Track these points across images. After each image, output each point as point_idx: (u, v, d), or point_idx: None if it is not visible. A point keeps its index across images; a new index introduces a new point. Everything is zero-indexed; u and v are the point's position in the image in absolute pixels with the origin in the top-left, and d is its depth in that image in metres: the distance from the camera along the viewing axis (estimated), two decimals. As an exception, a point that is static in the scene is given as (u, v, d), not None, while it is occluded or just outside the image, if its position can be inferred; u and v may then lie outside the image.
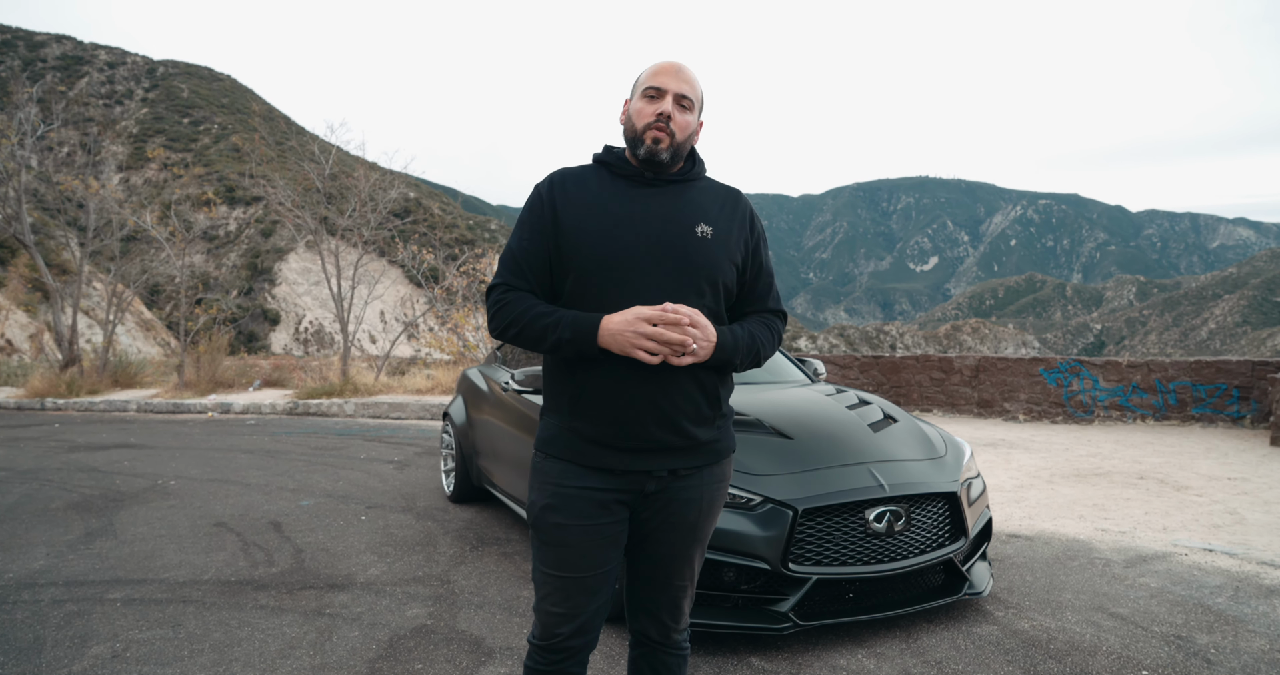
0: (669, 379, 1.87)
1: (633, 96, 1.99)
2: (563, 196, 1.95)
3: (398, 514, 5.62)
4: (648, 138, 1.91)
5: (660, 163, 1.93)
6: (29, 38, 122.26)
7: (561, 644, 1.95)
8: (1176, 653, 3.22)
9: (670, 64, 1.96)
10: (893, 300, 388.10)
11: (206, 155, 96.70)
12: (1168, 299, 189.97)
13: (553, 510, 1.92)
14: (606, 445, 1.89)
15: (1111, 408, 10.14)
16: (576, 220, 1.91)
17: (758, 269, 2.05)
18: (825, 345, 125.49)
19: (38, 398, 14.61)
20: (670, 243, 1.90)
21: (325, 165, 15.09)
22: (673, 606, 2.05)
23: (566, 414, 1.93)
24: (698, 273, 1.91)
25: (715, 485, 2.02)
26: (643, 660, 2.10)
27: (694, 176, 2.02)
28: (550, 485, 1.93)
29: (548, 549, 1.93)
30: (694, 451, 1.95)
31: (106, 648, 3.34)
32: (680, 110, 1.93)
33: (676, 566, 2.01)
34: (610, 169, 1.99)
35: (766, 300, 2.08)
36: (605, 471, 1.90)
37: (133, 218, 16.93)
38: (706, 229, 1.94)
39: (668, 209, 1.94)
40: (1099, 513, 5.55)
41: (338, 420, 11.69)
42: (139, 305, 45.00)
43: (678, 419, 1.90)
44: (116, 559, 4.62)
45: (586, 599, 1.93)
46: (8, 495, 6.42)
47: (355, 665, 3.15)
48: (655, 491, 1.94)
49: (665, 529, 1.97)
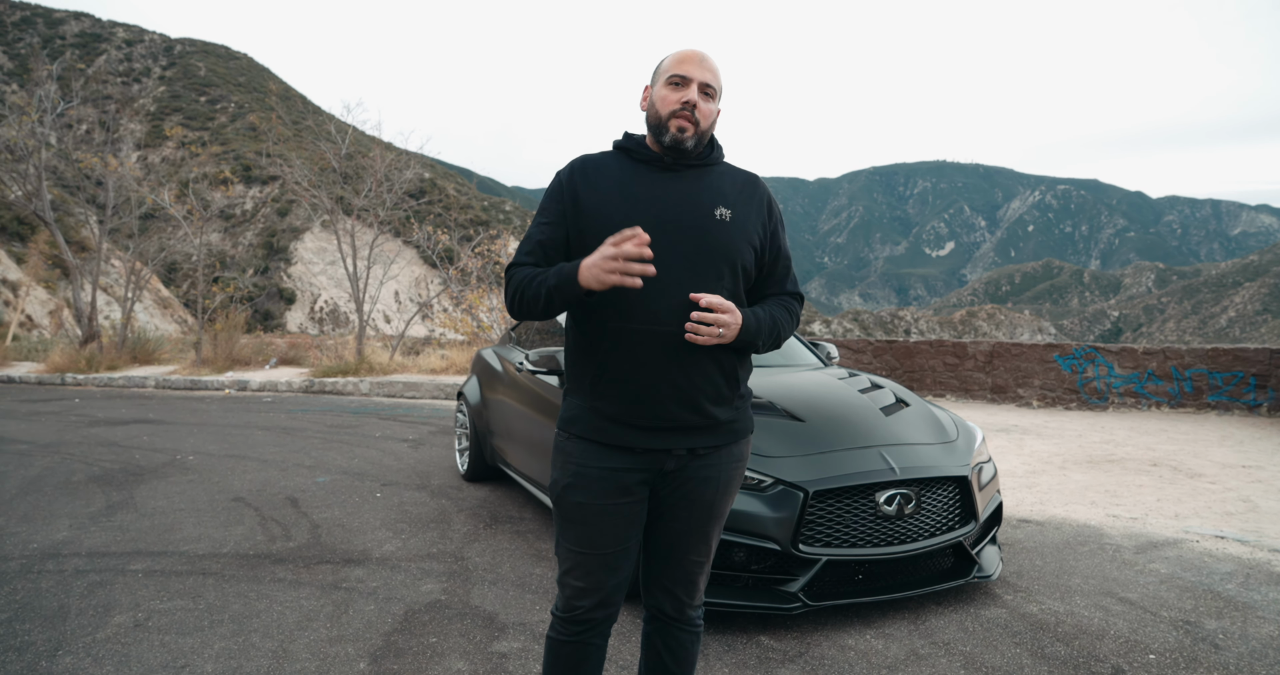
0: (689, 359, 1.90)
1: (655, 83, 2.01)
2: (584, 182, 1.98)
3: (412, 491, 5.69)
4: (673, 125, 1.93)
5: (685, 150, 1.95)
6: (48, 15, 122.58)
7: (583, 616, 2.00)
8: (1184, 637, 3.23)
9: (694, 52, 1.97)
10: (908, 285, 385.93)
11: (223, 134, 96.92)
12: (1187, 286, 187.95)
13: (574, 489, 1.96)
14: (627, 424, 1.93)
15: (1126, 395, 10.09)
16: (597, 205, 1.95)
17: (776, 252, 2.08)
18: (840, 330, 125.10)
19: (58, 373, 14.80)
20: (690, 225, 1.93)
21: (341, 145, 15.13)
22: (688, 582, 2.08)
23: (588, 394, 1.97)
24: (717, 255, 1.94)
25: (733, 465, 2.05)
26: (656, 635, 2.14)
27: (713, 161, 2.05)
28: (572, 464, 1.97)
29: (569, 526, 1.98)
30: (713, 431, 1.99)
31: (129, 617, 3.41)
32: (704, 98, 1.96)
33: (693, 542, 2.05)
34: (630, 155, 2.02)
35: (785, 283, 2.11)
36: (626, 450, 1.94)
37: (150, 196, 17.05)
38: (725, 212, 1.97)
39: (687, 193, 1.97)
40: (1111, 499, 5.55)
41: (353, 399, 11.79)
42: (156, 283, 45.37)
43: (697, 398, 1.93)
44: (137, 531, 4.70)
45: (607, 575, 1.98)
46: (30, 468, 6.54)
47: (371, 638, 3.21)
48: (674, 470, 1.98)
49: (683, 506, 2.01)
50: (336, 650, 3.09)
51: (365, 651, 3.08)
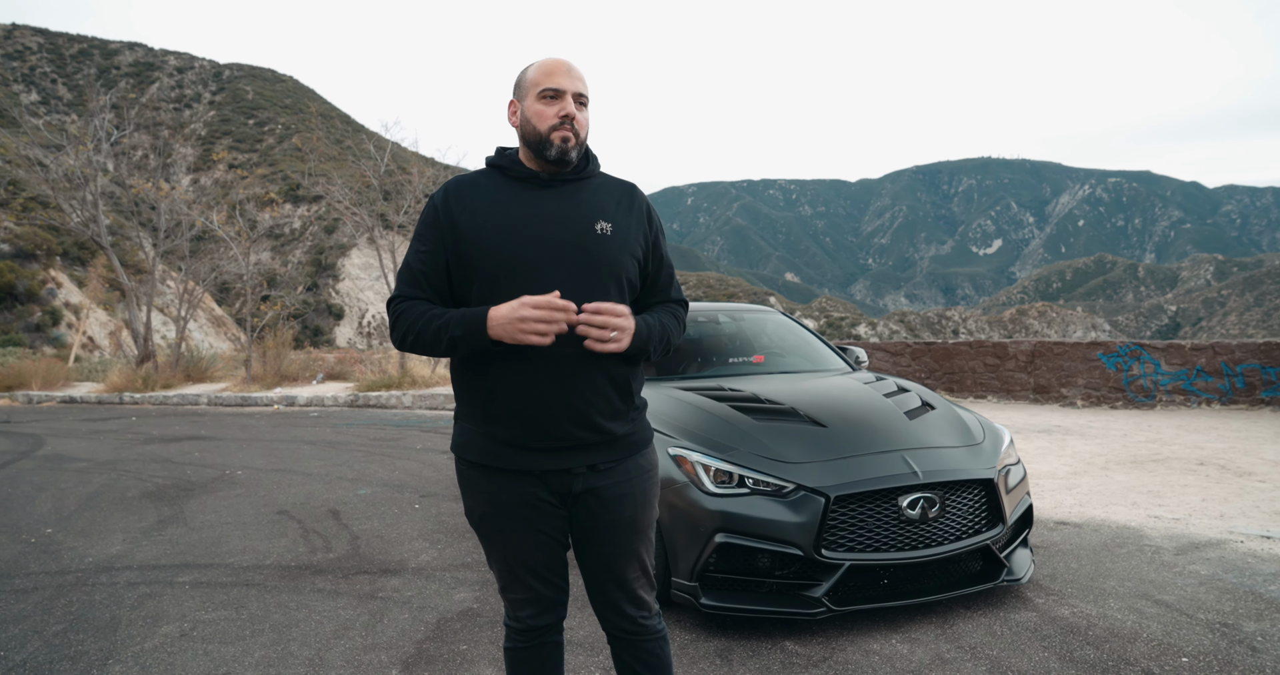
0: (580, 375, 1.88)
1: (524, 98, 1.96)
2: (459, 205, 1.94)
3: (450, 502, 5.80)
4: (555, 139, 1.91)
5: (570, 161, 1.94)
6: (103, 46, 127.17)
7: (530, 624, 2.03)
8: (1220, 640, 3.17)
9: (560, 62, 1.95)
10: (955, 285, 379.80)
11: (271, 155, 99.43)
12: (1249, 278, 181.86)
13: (490, 518, 1.96)
14: (523, 447, 1.91)
15: (1174, 392, 9.84)
16: (475, 227, 1.91)
17: (659, 262, 2.07)
18: (885, 332, 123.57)
19: (116, 392, 15.33)
20: (571, 242, 1.91)
21: (381, 162, 15.45)
22: (632, 599, 2.05)
23: (481, 419, 1.94)
24: (601, 270, 1.92)
25: (643, 476, 2.02)
26: (624, 652, 2.10)
27: (589, 173, 2.02)
28: (481, 493, 1.96)
29: (493, 548, 1.99)
30: (610, 446, 1.96)
31: (176, 627, 3.56)
32: (579, 108, 1.94)
33: (625, 561, 2.01)
34: (504, 172, 2.00)
35: (669, 291, 2.11)
36: (527, 474, 1.92)
37: (200, 218, 17.58)
38: (606, 226, 1.95)
39: (566, 208, 1.95)
40: (1153, 500, 5.44)
41: (396, 412, 12.02)
42: (210, 302, 46.66)
43: (591, 415, 1.91)
44: (186, 545, 4.88)
45: (542, 585, 2.00)
46: (89, 484, 6.81)
47: (404, 646, 3.30)
48: (583, 491, 1.95)
49: (605, 529, 1.98)
50: (370, 657, 3.19)
51: (398, 659, 3.17)
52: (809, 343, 5.36)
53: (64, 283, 43.60)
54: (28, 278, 41.77)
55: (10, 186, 38.57)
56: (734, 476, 3.37)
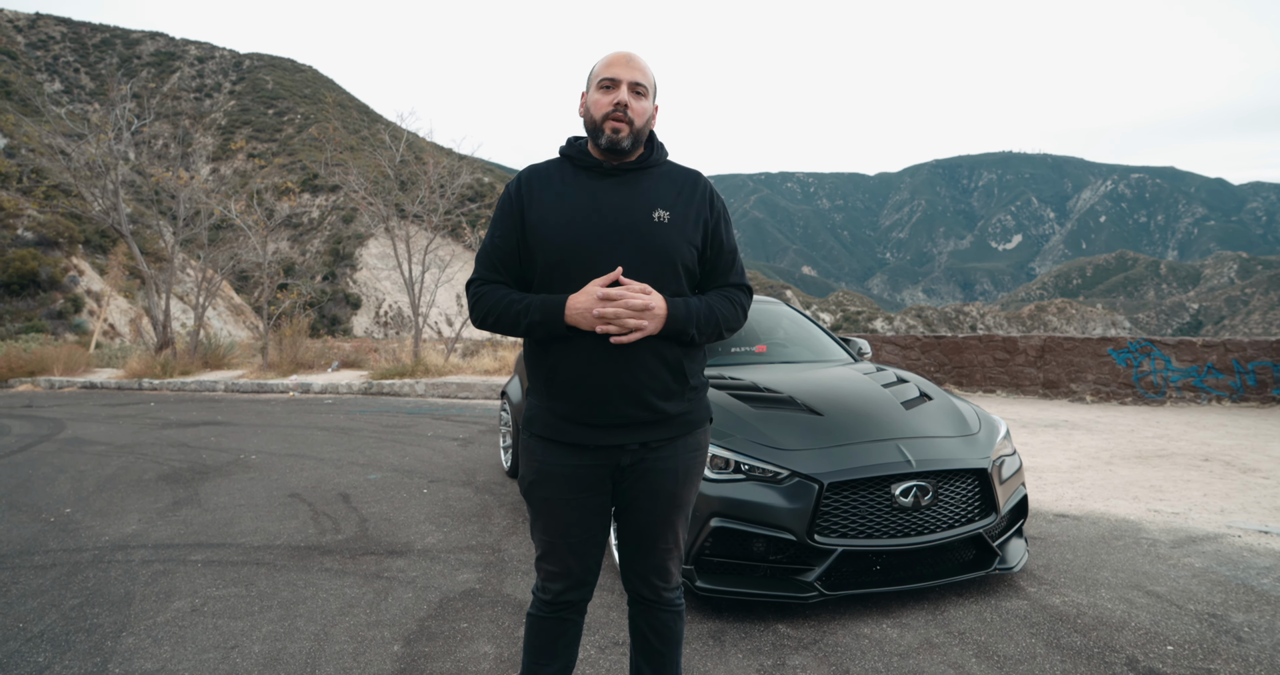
0: (632, 356, 1.98)
1: (589, 89, 2.09)
2: (529, 194, 2.08)
3: (458, 487, 5.91)
4: (607, 127, 2.02)
5: (623, 149, 2.03)
6: (125, 36, 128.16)
7: (558, 598, 2.15)
8: (1207, 630, 3.21)
9: (621, 54, 2.06)
10: (973, 280, 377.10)
11: (290, 145, 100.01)
12: (1273, 276, 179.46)
13: (539, 485, 2.08)
14: (580, 422, 2.02)
15: (1185, 389, 9.81)
16: (541, 215, 2.04)
17: (718, 246, 2.15)
18: (902, 327, 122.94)
19: (136, 378, 15.56)
20: (628, 229, 2.01)
21: (396, 152, 15.56)
22: (660, 569, 2.18)
23: (544, 395, 2.07)
24: (656, 256, 2.02)
25: (692, 454, 2.13)
26: (640, 618, 2.25)
27: (653, 163, 2.12)
28: (535, 462, 2.09)
29: (539, 518, 2.11)
30: (664, 425, 2.06)
31: (187, 603, 3.67)
32: (636, 97, 2.04)
33: (660, 532, 2.13)
34: (573, 162, 2.11)
35: (729, 276, 2.18)
36: (581, 447, 2.04)
37: (219, 207, 17.77)
38: (663, 214, 2.05)
39: (625, 197, 2.05)
40: (1155, 494, 5.46)
41: (409, 400, 12.15)
42: (229, 290, 47.08)
43: (644, 395, 2.01)
44: (199, 525, 5.00)
45: (576, 561, 2.11)
46: (107, 467, 6.96)
47: (406, 623, 3.39)
48: (631, 464, 2.06)
49: (646, 498, 2.09)
50: (373, 633, 3.29)
51: (400, 635, 3.27)
52: (811, 333, 5.41)
53: (86, 270, 44.15)
54: (50, 265, 42.33)
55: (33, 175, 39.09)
56: (730, 462, 3.44)
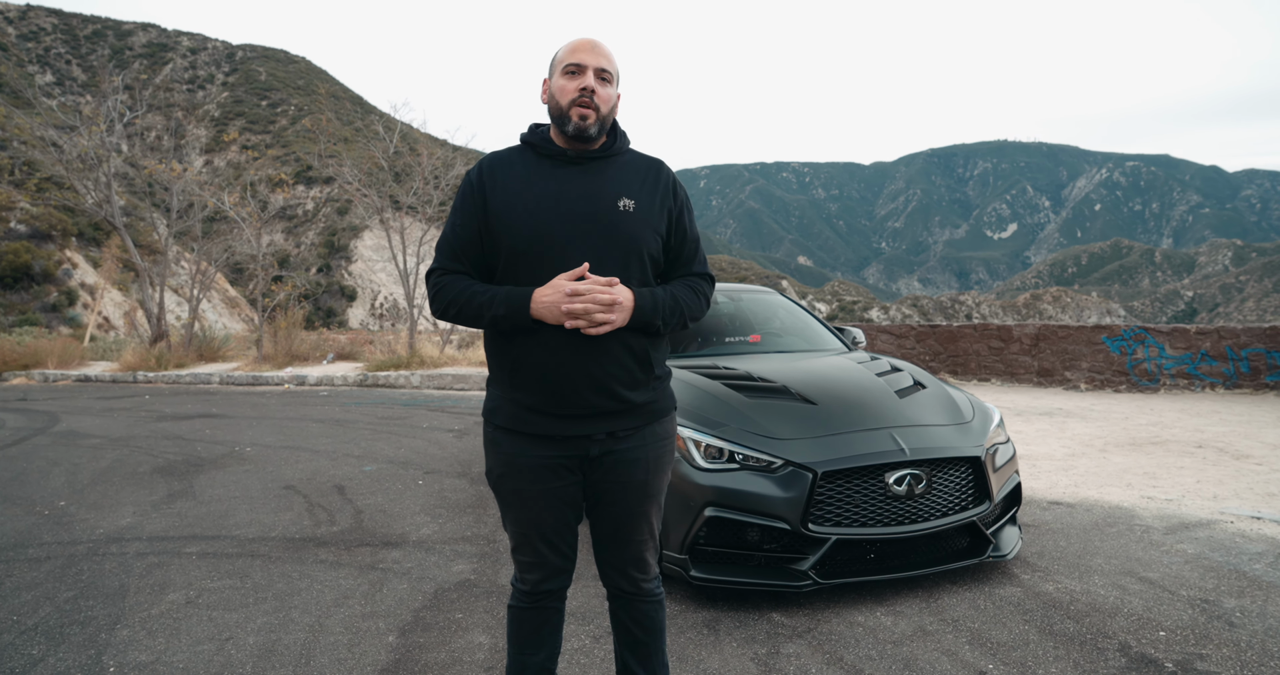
0: (599, 346, 1.96)
1: (552, 75, 2.05)
2: (491, 181, 2.03)
3: (453, 479, 5.91)
4: (574, 114, 1.98)
5: (589, 136, 2.00)
6: (117, 27, 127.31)
7: (537, 587, 2.14)
8: (1199, 616, 3.23)
9: (586, 40, 2.03)
10: (969, 269, 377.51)
11: (284, 136, 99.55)
12: (1268, 263, 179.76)
13: (507, 478, 2.06)
14: (544, 413, 2.00)
15: (1179, 376, 9.84)
16: (503, 202, 2.00)
17: (682, 235, 2.13)
18: (897, 316, 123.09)
19: (130, 371, 15.52)
20: (594, 218, 1.99)
21: (390, 143, 15.50)
22: (637, 561, 2.16)
23: (507, 385, 2.04)
24: (622, 245, 1.99)
25: (660, 443, 2.11)
26: (621, 611, 2.22)
27: (616, 151, 2.09)
28: (502, 454, 2.06)
29: (509, 510, 2.09)
30: (630, 414, 2.04)
31: (181, 595, 3.67)
32: (601, 83, 2.01)
33: (634, 524, 2.11)
34: (536, 150, 2.07)
35: (692, 265, 2.17)
36: (548, 438, 2.01)
37: (213, 199, 17.70)
38: (629, 203, 2.02)
39: (590, 185, 2.02)
40: (1148, 481, 5.48)
41: (404, 391, 12.15)
42: (223, 282, 46.95)
43: (609, 384, 1.99)
44: (194, 518, 5.00)
45: (550, 551, 2.10)
46: (101, 460, 6.95)
47: (401, 614, 3.40)
48: (600, 455, 2.04)
49: (617, 490, 2.07)
50: (368, 624, 3.29)
51: (394, 626, 3.27)
52: (806, 323, 5.41)
53: (79, 263, 43.98)
54: (44, 258, 42.16)
55: (25, 167, 38.87)
56: (724, 452, 3.44)
